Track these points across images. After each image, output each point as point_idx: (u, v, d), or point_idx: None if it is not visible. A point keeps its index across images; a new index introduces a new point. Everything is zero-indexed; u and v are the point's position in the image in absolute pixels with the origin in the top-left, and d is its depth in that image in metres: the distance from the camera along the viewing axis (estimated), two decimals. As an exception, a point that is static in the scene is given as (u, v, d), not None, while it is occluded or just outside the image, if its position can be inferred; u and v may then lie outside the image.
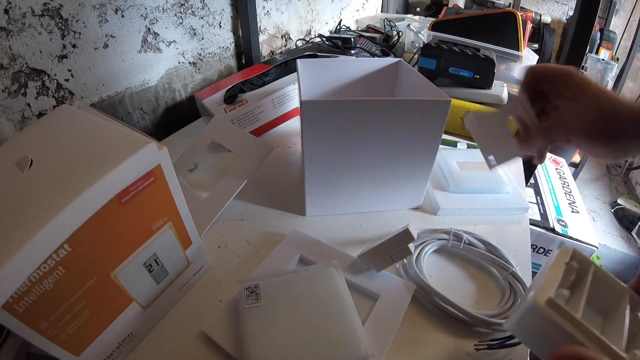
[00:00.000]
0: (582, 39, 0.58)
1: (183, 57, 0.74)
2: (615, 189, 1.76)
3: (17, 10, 0.46)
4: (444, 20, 0.99)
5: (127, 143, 0.26)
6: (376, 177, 0.46)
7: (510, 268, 0.40)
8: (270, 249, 0.43)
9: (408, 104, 0.40)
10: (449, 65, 0.77)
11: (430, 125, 0.42)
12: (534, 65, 0.37)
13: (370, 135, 0.41)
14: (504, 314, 0.36)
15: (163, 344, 0.34)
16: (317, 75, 0.55)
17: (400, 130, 0.42)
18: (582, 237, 0.66)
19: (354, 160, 0.43)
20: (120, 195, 0.26)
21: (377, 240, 0.39)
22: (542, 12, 1.95)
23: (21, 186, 0.24)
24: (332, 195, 0.47)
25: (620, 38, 1.92)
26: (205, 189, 0.52)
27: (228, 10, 0.82)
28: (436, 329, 0.36)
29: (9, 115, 0.49)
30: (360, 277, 0.39)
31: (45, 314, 0.24)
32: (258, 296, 0.34)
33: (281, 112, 0.66)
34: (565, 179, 0.81)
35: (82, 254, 0.25)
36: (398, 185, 0.47)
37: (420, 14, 1.76)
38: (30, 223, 0.22)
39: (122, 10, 0.59)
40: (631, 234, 1.44)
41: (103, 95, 0.61)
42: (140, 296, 0.32)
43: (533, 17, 1.59)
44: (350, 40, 0.96)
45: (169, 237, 0.32)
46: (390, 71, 0.56)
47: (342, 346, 0.30)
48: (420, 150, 0.44)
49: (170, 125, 0.75)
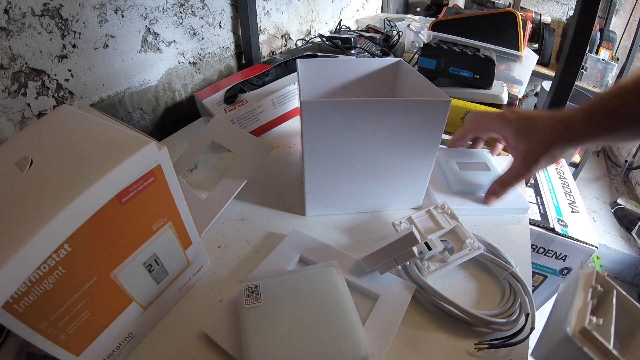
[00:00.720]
0: (582, 39, 0.58)
1: (183, 57, 0.74)
2: (615, 189, 1.76)
3: (17, 10, 0.46)
4: (444, 20, 0.99)
5: (127, 143, 0.26)
6: (376, 177, 0.46)
7: (510, 268, 0.40)
8: (270, 249, 0.43)
9: (408, 104, 0.40)
10: (449, 65, 0.77)
11: (430, 125, 0.42)
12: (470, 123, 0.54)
13: (370, 135, 0.41)
14: (504, 313, 0.36)
15: (163, 344, 0.34)
16: (317, 75, 0.55)
17: (400, 131, 0.42)
18: (582, 237, 0.66)
19: (354, 160, 0.43)
20: (120, 195, 0.26)
21: (377, 241, 0.39)
22: (542, 12, 1.95)
23: (21, 186, 0.24)
24: (332, 195, 0.47)
25: (620, 38, 1.92)
26: (205, 189, 0.52)
27: (228, 10, 0.82)
28: (436, 329, 0.36)
29: (9, 115, 0.49)
30: (360, 277, 0.39)
31: (45, 314, 0.24)
32: (258, 296, 0.34)
33: (281, 112, 0.66)
34: (565, 179, 0.81)
35: (82, 254, 0.25)
36: (398, 185, 0.47)
37: (420, 14, 1.76)
38: (30, 223, 0.22)
39: (122, 10, 0.59)
40: (631, 234, 1.44)
41: (103, 95, 0.61)
42: (140, 296, 0.32)
43: (533, 17, 1.59)
44: (350, 40, 0.96)
45: (169, 237, 0.32)
46: (390, 71, 0.56)
47: (342, 346, 0.30)
48: (420, 150, 0.44)
49: (170, 125, 0.75)
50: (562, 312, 0.26)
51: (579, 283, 0.28)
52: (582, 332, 0.23)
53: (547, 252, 0.69)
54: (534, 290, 0.79)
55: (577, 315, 0.25)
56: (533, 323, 0.35)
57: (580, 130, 0.41)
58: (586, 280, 0.28)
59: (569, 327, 0.24)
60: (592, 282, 0.28)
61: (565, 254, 0.69)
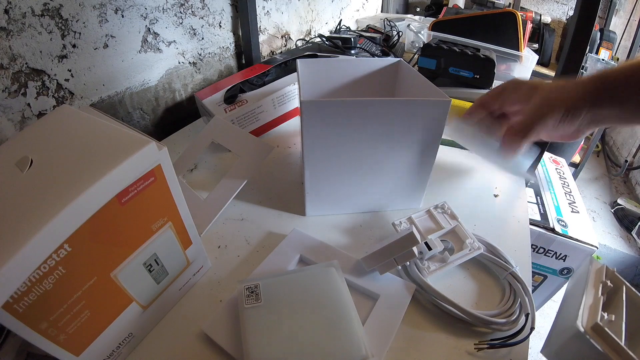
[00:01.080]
0: (582, 39, 0.58)
1: (183, 57, 0.74)
2: (615, 189, 1.76)
3: (17, 10, 0.46)
4: (444, 20, 0.99)
5: (127, 143, 0.26)
6: (376, 177, 0.46)
7: (510, 268, 0.40)
8: (270, 249, 0.43)
9: (408, 104, 0.40)
10: (449, 65, 0.77)
11: (430, 125, 0.42)
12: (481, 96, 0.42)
13: (369, 135, 0.41)
14: (504, 313, 0.36)
15: (163, 344, 0.34)
16: (317, 75, 0.55)
17: (400, 131, 0.42)
18: (582, 237, 0.66)
19: (354, 159, 0.43)
20: (120, 195, 0.26)
21: (377, 241, 0.39)
22: (542, 12, 1.95)
23: (21, 186, 0.24)
24: (332, 194, 0.47)
25: (620, 38, 1.92)
26: (205, 189, 0.52)
27: (228, 10, 0.82)
28: (436, 329, 0.36)
29: (9, 115, 0.49)
30: (360, 277, 0.39)
31: (45, 314, 0.24)
32: (258, 296, 0.34)
33: (281, 112, 0.66)
34: (565, 179, 0.81)
35: (82, 254, 0.25)
36: (398, 185, 0.47)
37: (420, 14, 1.76)
38: (30, 223, 0.22)
39: (122, 10, 0.59)
40: (631, 234, 1.44)
41: (103, 95, 0.61)
42: (140, 296, 0.32)
43: (533, 17, 1.58)
44: (350, 40, 0.96)
45: (169, 237, 0.32)
46: (390, 71, 0.56)
47: (342, 346, 0.30)
48: (420, 150, 0.44)
49: (170, 125, 0.75)
50: (572, 308, 0.26)
51: (589, 279, 0.28)
52: (594, 328, 0.23)
53: (547, 252, 0.69)
54: (534, 290, 0.79)
55: (588, 311, 0.25)
56: (533, 323, 0.35)
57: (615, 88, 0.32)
58: (596, 275, 0.28)
59: (580, 323, 0.24)
60: (602, 277, 0.28)
61: (565, 254, 0.69)
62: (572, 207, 0.73)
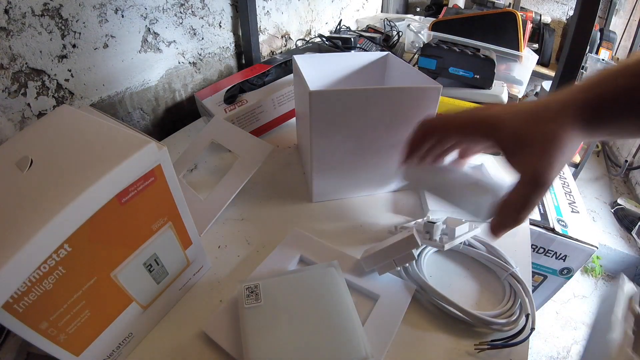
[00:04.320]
0: (582, 39, 0.58)
1: (183, 57, 0.74)
2: (615, 189, 1.76)
3: (17, 10, 0.46)
4: (444, 20, 0.99)
5: (127, 143, 0.26)
6: (376, 159, 0.49)
7: (510, 268, 0.40)
8: (270, 249, 0.43)
9: (400, 92, 0.44)
10: (449, 65, 0.77)
11: (423, 111, 0.46)
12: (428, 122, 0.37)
13: (368, 120, 0.45)
14: (504, 314, 0.36)
15: (163, 344, 0.34)
16: (313, 69, 0.56)
17: (395, 115, 0.45)
18: (582, 237, 0.66)
19: (357, 143, 0.46)
20: (120, 195, 0.26)
21: (378, 242, 0.39)
22: (542, 12, 1.94)
23: (21, 186, 0.24)
24: (337, 177, 0.50)
25: (620, 38, 1.92)
26: (205, 189, 0.52)
27: (228, 10, 0.82)
28: (436, 329, 0.36)
29: (9, 115, 0.48)
30: (360, 277, 0.39)
31: (45, 314, 0.24)
32: (258, 296, 0.34)
33: (281, 112, 0.66)
34: (565, 179, 0.81)
35: (82, 254, 0.25)
36: (397, 167, 0.49)
37: (420, 14, 1.76)
38: (30, 223, 0.22)
39: (122, 10, 0.59)
40: (631, 234, 1.44)
41: (103, 95, 0.61)
42: (140, 296, 0.32)
43: (533, 17, 1.58)
44: (350, 40, 0.96)
45: (169, 237, 0.32)
46: (379, 64, 0.60)
47: (342, 346, 0.30)
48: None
49: (170, 125, 0.75)
50: (601, 343, 0.25)
51: (621, 307, 0.27)
52: None
53: (547, 252, 0.69)
54: (534, 290, 0.79)
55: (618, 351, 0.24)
56: (533, 324, 0.35)
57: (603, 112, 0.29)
58: (629, 304, 0.27)
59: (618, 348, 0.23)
60: (637, 307, 0.26)
61: (565, 254, 0.69)
62: (572, 207, 0.73)
